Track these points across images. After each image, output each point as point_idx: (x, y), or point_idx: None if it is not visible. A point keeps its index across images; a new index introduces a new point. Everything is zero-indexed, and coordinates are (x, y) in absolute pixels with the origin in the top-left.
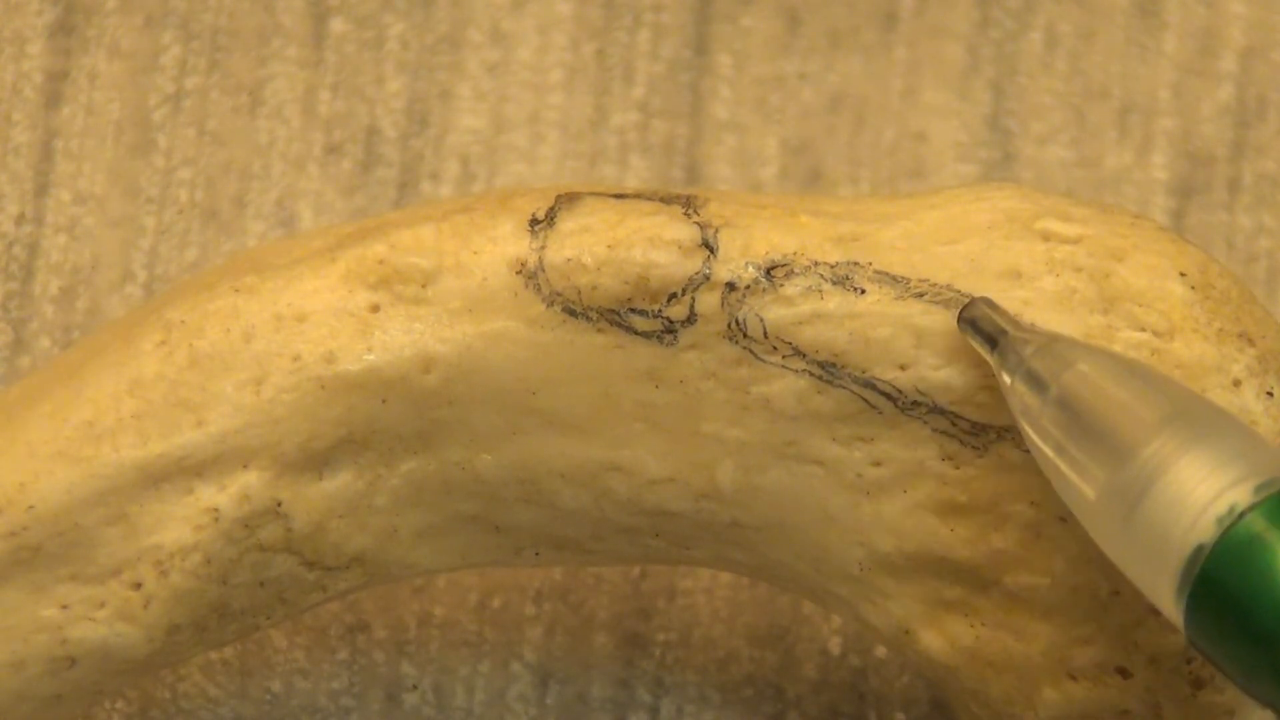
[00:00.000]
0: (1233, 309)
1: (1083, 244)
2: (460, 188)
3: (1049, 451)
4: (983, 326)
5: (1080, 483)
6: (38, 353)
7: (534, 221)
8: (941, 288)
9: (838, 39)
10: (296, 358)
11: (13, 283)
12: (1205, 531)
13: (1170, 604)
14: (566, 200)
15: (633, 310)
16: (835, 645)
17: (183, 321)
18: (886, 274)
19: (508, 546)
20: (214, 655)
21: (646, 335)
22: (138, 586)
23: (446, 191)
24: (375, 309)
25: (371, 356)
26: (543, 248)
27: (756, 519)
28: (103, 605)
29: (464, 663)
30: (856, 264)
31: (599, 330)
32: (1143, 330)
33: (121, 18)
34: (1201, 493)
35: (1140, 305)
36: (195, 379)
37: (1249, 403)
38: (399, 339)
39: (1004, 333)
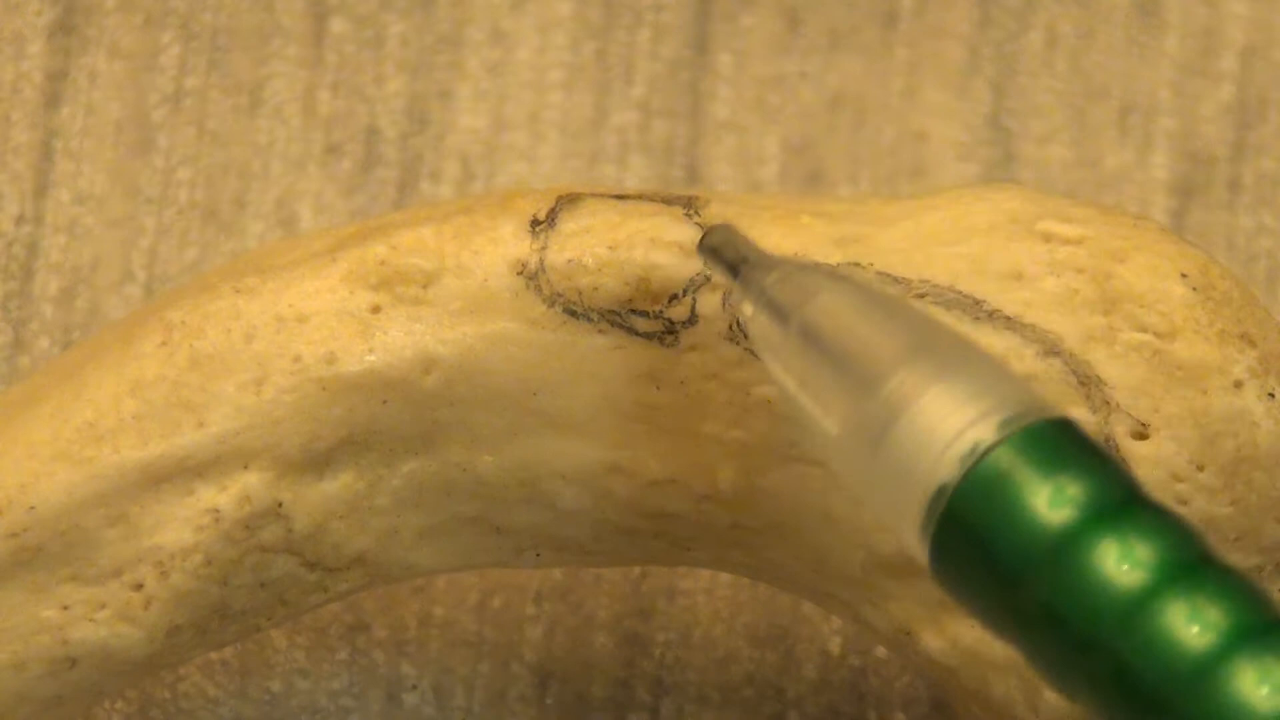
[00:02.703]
0: (1234, 310)
1: (1084, 245)
2: (460, 188)
3: (790, 385)
4: (724, 254)
5: (822, 418)
6: (37, 353)
7: (535, 222)
8: (943, 289)
9: (838, 38)
10: (297, 359)
11: (12, 283)
12: (949, 470)
13: (915, 542)
14: (567, 201)
15: (634, 311)
16: (835, 645)
17: (183, 322)
18: (888, 275)
19: (508, 547)
20: (214, 655)
21: (647, 336)
22: (138, 587)
23: (446, 191)
24: (376, 310)
25: (372, 357)
26: (544, 249)
27: (757, 520)
28: (103, 606)
29: (464, 663)
30: (858, 265)
31: (600, 331)
32: (1144, 331)
33: (121, 17)
34: (945, 429)
35: (1141, 306)
36: (196, 380)
37: (1250, 404)
38: (400, 340)
39: (745, 260)
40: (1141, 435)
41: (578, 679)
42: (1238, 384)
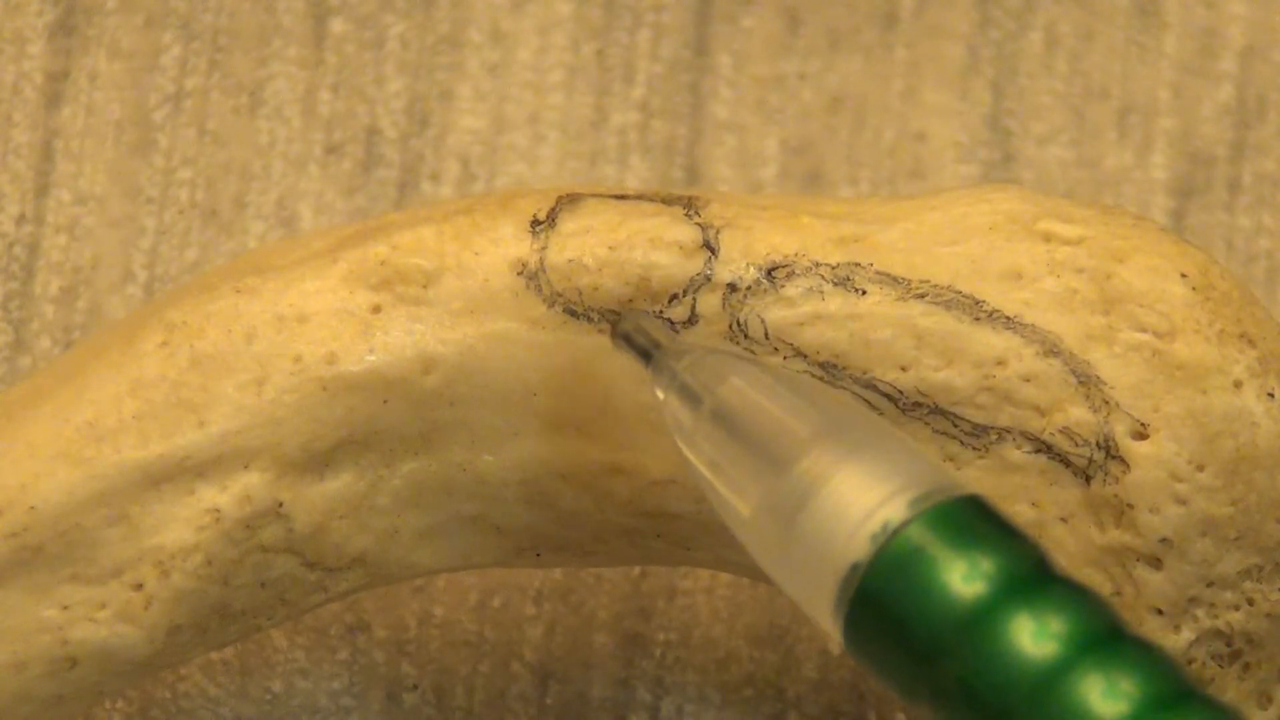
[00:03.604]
0: (1234, 310)
1: (1084, 245)
2: (460, 188)
3: (703, 468)
4: (636, 340)
5: (735, 499)
6: (38, 353)
7: (535, 222)
8: (943, 289)
9: (838, 39)
10: (298, 358)
11: (13, 283)
12: (860, 549)
13: (828, 621)
14: (568, 201)
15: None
16: (835, 645)
17: (184, 322)
18: (888, 275)
19: (509, 547)
20: (214, 655)
21: None
22: (139, 587)
23: (447, 192)
24: (376, 310)
25: (373, 357)
26: (544, 249)
27: None
28: (104, 606)
29: (464, 663)
30: (858, 265)
31: (600, 331)
32: (1144, 331)
33: (122, 18)
34: (856, 509)
35: (1141, 306)
36: (196, 380)
37: (1250, 404)
38: (400, 340)
39: (657, 346)
40: (1141, 435)
41: (578, 679)
42: (1237, 384)
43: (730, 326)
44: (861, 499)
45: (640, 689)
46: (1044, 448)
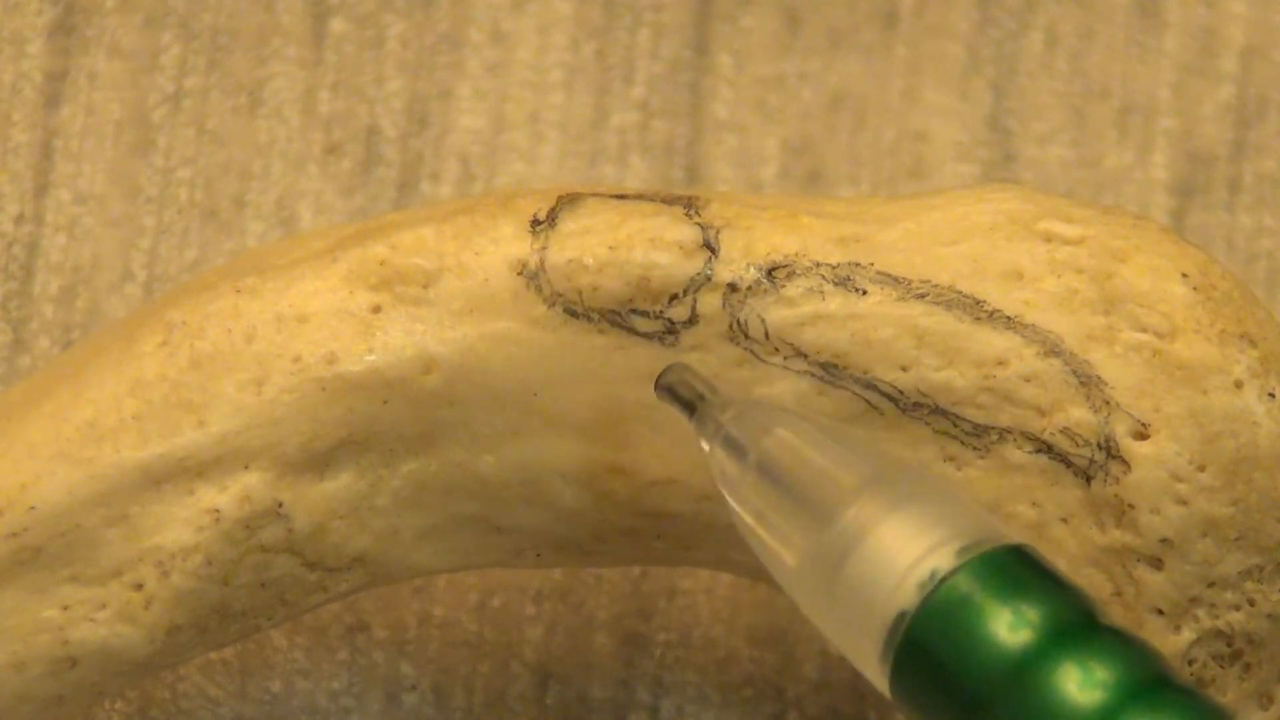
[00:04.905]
0: (1235, 310)
1: (1084, 245)
2: (460, 188)
3: (749, 519)
4: (680, 393)
5: (781, 550)
6: (37, 353)
7: (535, 222)
8: (943, 289)
9: (838, 39)
10: (297, 358)
11: (12, 282)
12: (907, 598)
13: (875, 670)
14: (568, 201)
15: (634, 311)
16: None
17: (184, 322)
18: (888, 275)
19: (509, 547)
20: (214, 655)
21: (648, 336)
22: (139, 587)
23: (446, 192)
24: (376, 310)
25: (373, 357)
26: (544, 248)
27: None
28: (104, 606)
29: (464, 663)
30: (858, 265)
31: (600, 331)
32: (1144, 331)
33: (121, 17)
34: (903, 558)
35: (1142, 306)
36: (196, 380)
37: (1250, 404)
38: (400, 340)
39: (701, 398)
40: (1142, 435)
41: (578, 679)
42: (1238, 384)
43: (730, 326)
44: (908, 548)
45: (640, 689)
46: (1045, 448)
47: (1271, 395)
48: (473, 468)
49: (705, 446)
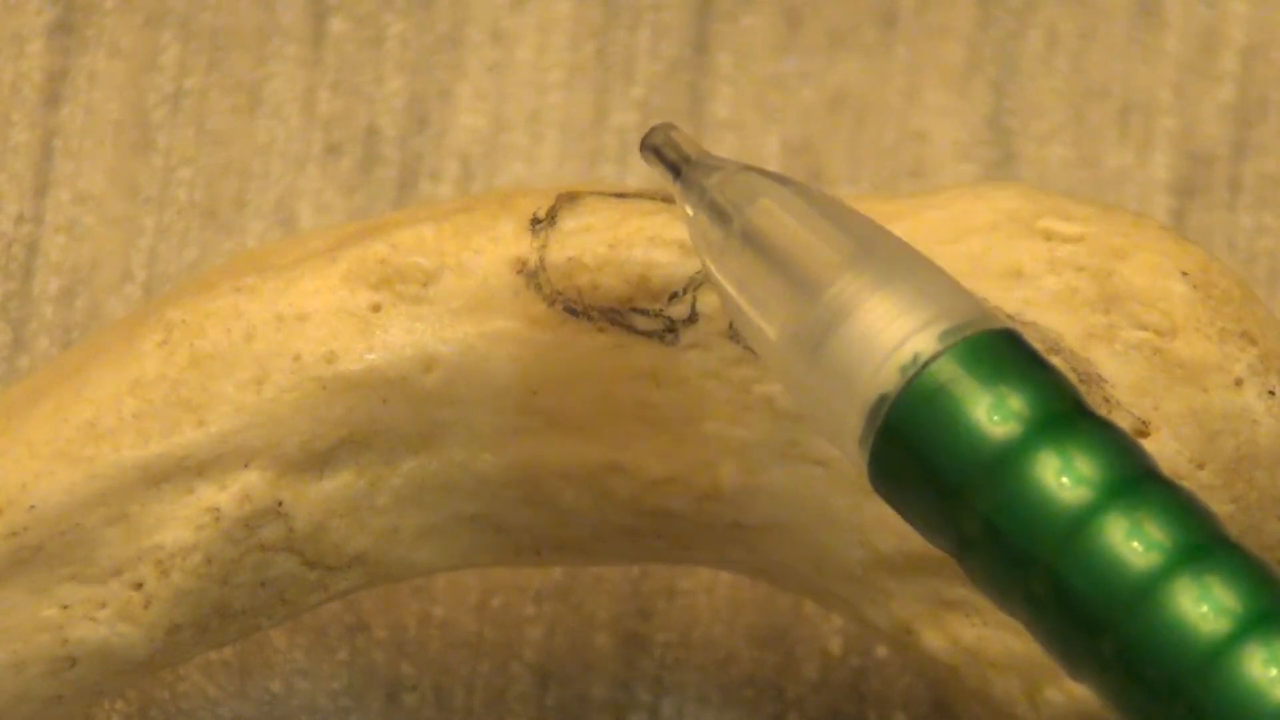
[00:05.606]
0: (1235, 308)
1: (1084, 243)
2: (460, 187)
3: (730, 288)
4: (666, 154)
5: (762, 322)
6: (37, 353)
7: (535, 221)
8: None
9: (838, 38)
10: (297, 357)
11: (11, 282)
12: (889, 381)
13: (854, 452)
14: (568, 200)
15: (634, 309)
16: (836, 646)
17: (183, 321)
18: None
19: (509, 546)
20: (213, 655)
21: (648, 335)
22: (138, 586)
23: (446, 191)
24: (376, 309)
25: (372, 356)
26: (544, 247)
27: (758, 519)
28: (103, 605)
29: (464, 663)
30: None
31: (600, 330)
32: (1144, 329)
33: (121, 17)
34: (886, 338)
35: (1142, 304)
36: (196, 379)
37: (1250, 402)
38: (400, 339)
39: (687, 160)
40: (1142, 433)
41: (578, 679)
42: (1238, 382)
43: (731, 324)
44: (892, 328)
45: (640, 689)
46: None
47: (1272, 393)
48: (473, 467)
49: (689, 211)
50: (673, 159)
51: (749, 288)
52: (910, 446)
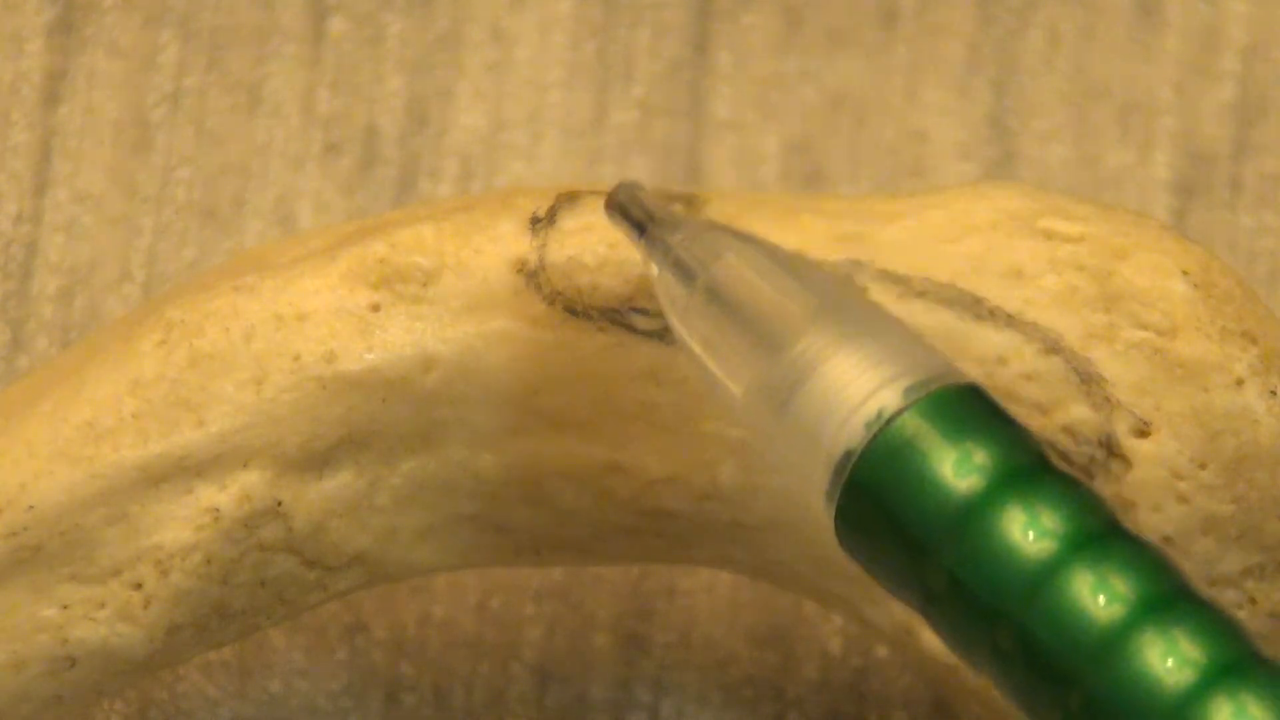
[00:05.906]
0: (1235, 308)
1: (1085, 243)
2: (460, 187)
3: (696, 347)
4: (631, 212)
5: (728, 380)
6: (35, 352)
7: (535, 220)
8: (943, 286)
9: (838, 37)
10: (297, 357)
11: (10, 282)
12: (854, 437)
13: (820, 508)
14: (567, 199)
15: (634, 309)
16: (836, 646)
17: (183, 321)
18: (888, 273)
19: (508, 546)
20: (213, 655)
21: (648, 334)
22: (138, 586)
23: (445, 190)
24: (376, 308)
25: (372, 356)
26: (544, 246)
27: (757, 518)
28: (103, 605)
29: (463, 663)
30: (858, 263)
31: (600, 329)
32: (1145, 329)
33: (120, 17)
34: (851, 394)
35: (1143, 304)
36: (195, 378)
37: (1251, 402)
38: (400, 338)
39: (652, 218)
40: (1143, 433)
41: (577, 679)
42: (1239, 382)
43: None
44: (857, 384)
45: (640, 689)
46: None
47: (1273, 393)
48: (472, 467)
49: (654, 270)
50: (638, 217)
51: (714, 345)
52: (876, 501)
